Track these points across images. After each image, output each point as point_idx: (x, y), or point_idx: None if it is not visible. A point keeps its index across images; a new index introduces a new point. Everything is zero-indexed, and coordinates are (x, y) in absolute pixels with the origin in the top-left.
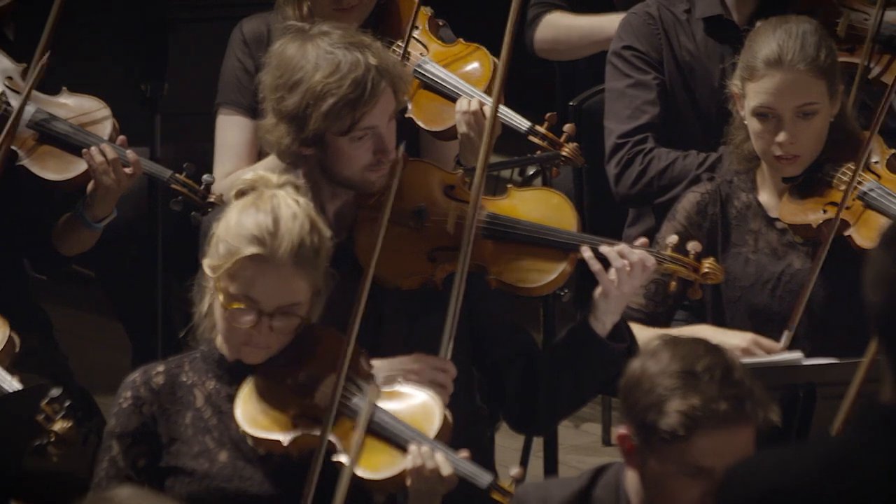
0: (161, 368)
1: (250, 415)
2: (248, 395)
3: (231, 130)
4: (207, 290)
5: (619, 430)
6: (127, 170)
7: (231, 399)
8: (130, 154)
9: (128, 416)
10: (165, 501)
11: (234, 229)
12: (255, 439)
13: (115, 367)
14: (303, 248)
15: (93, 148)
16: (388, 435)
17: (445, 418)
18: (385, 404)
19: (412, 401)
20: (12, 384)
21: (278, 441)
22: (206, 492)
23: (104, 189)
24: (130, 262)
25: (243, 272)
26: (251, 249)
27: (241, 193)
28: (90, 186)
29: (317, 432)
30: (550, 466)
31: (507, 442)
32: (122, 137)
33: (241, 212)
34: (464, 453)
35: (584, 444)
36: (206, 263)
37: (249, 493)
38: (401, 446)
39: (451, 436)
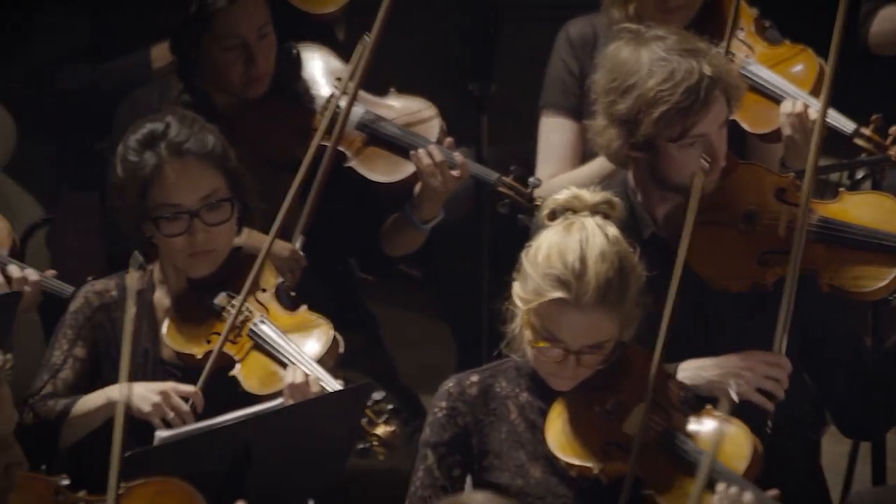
0: (475, 378)
1: (560, 440)
2: (557, 417)
3: (555, 133)
4: (517, 314)
5: None
6: (454, 172)
7: (543, 414)
8: (458, 156)
9: (442, 427)
10: None
11: (542, 267)
12: (567, 463)
13: (440, 368)
14: (609, 291)
15: (420, 150)
16: (695, 471)
17: (755, 452)
18: (693, 428)
19: (720, 434)
20: (334, 386)
21: (588, 468)
22: None
23: (431, 191)
24: (457, 263)
25: (549, 312)
26: (557, 294)
27: (552, 215)
28: (417, 188)
29: (625, 462)
30: (878, 473)
31: (833, 447)
32: (449, 140)
33: (550, 245)
34: (773, 492)
35: None
36: (515, 292)
37: None
38: (709, 486)
39: (760, 469)
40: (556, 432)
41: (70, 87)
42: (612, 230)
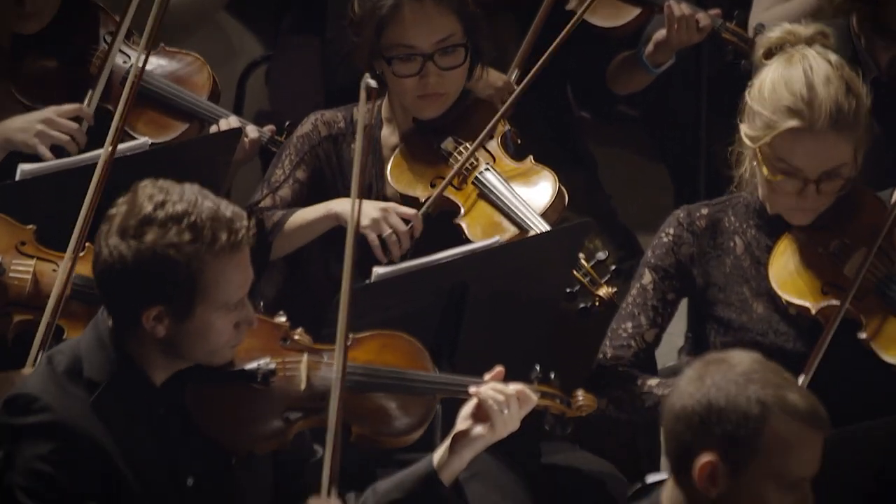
0: (705, 211)
1: (782, 276)
2: (781, 254)
3: None
4: (746, 155)
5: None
6: (701, 23)
7: (769, 250)
8: (702, 17)
9: (666, 251)
10: (782, 373)
11: (770, 101)
12: (787, 301)
13: (657, 208)
14: (841, 114)
15: (673, 2)
16: None
17: None
18: None
19: None
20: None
21: (807, 308)
22: (741, 343)
23: (674, 41)
24: (676, 104)
25: (783, 144)
26: (790, 123)
27: (769, 53)
28: (659, 34)
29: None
30: None
31: None
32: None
33: (774, 79)
34: None
35: None
36: (744, 132)
37: (785, 349)
38: None
39: None
40: (779, 269)
41: None
42: (833, 56)
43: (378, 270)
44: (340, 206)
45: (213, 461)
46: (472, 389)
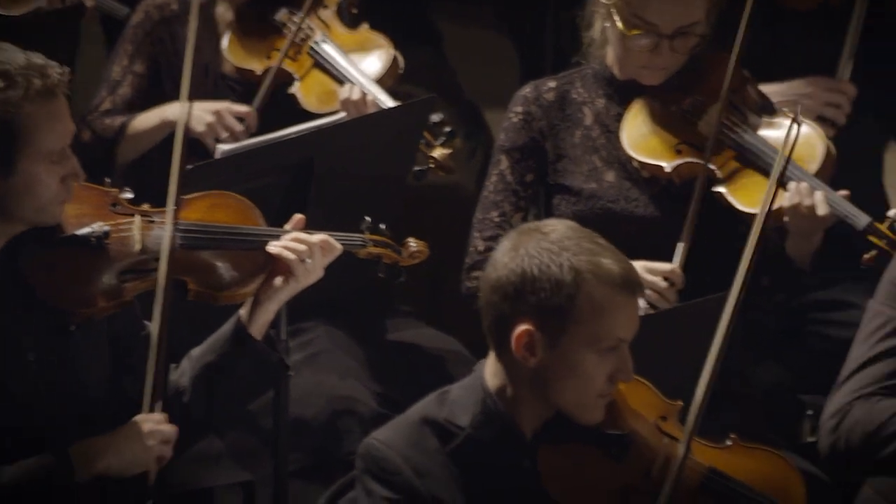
0: (552, 84)
1: (635, 138)
2: (634, 117)
3: None
4: (598, 14)
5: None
6: None
7: (619, 119)
8: None
9: (517, 132)
10: (596, 238)
11: None
12: (640, 163)
13: (502, 83)
14: None
15: None
16: (767, 168)
17: (829, 152)
18: (765, 132)
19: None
20: (391, 105)
21: (661, 167)
22: (592, 211)
23: None
24: None
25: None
26: None
27: None
28: None
29: (699, 160)
30: None
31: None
32: None
33: None
34: (843, 192)
35: None
36: None
37: (635, 214)
38: (780, 182)
39: (833, 172)
40: (631, 132)
41: None
42: None
43: (222, 147)
44: (174, 111)
45: (52, 331)
46: (269, 245)
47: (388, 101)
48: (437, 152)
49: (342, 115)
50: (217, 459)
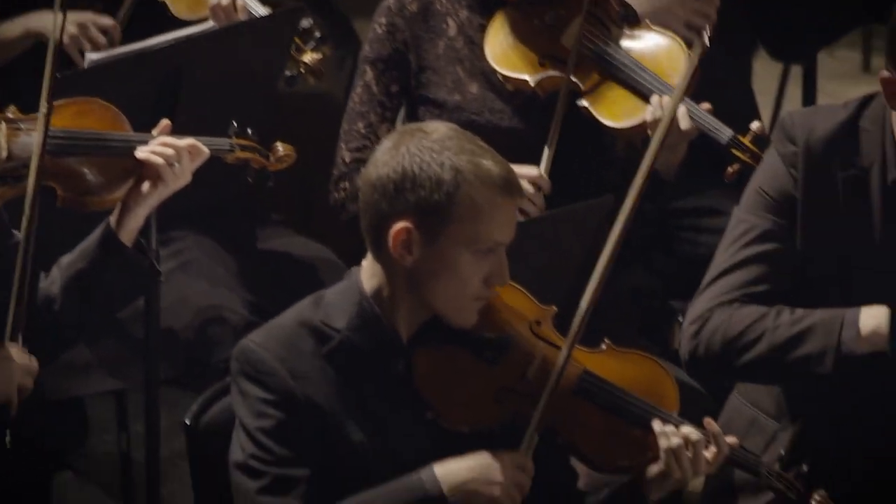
0: None
1: (498, 52)
2: (497, 30)
3: None
4: None
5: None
6: None
7: (483, 29)
8: None
9: (381, 43)
10: (476, 141)
11: None
12: (504, 76)
13: None
14: None
15: None
16: (632, 83)
17: (691, 64)
18: (628, 45)
19: (659, 45)
20: (262, 12)
21: (525, 81)
22: (457, 124)
23: None
24: None
25: None
26: None
27: None
28: None
29: (562, 73)
30: (809, 94)
31: (764, 70)
32: None
33: None
34: (706, 105)
35: (842, 72)
36: None
37: (500, 126)
38: (643, 95)
39: (694, 86)
40: (495, 45)
41: None
42: None
43: (91, 56)
44: (37, 22)
45: None
46: (137, 150)
47: (258, 8)
48: (308, 57)
49: (211, 23)
50: (87, 369)
